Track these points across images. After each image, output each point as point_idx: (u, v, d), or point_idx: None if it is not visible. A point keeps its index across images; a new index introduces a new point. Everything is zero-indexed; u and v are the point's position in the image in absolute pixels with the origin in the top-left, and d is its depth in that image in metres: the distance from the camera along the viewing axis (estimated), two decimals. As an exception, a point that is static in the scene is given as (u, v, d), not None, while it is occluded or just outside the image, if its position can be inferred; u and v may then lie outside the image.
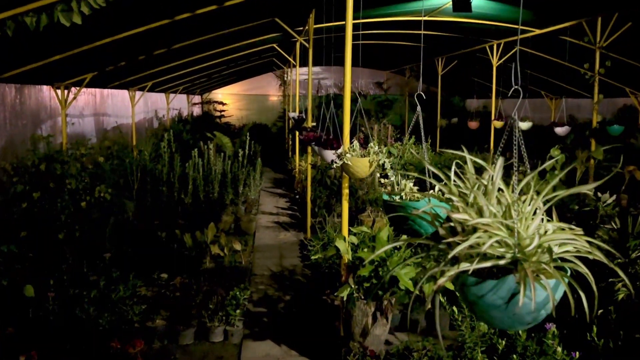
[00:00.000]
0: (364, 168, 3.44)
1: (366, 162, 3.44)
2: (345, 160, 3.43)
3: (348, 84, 3.91)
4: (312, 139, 5.89)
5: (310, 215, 7.89)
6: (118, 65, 7.31)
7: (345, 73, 3.92)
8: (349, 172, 3.51)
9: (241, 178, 9.59)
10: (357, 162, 3.42)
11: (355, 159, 3.43)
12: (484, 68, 14.42)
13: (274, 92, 20.07)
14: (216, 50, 9.12)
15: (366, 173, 3.50)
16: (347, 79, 3.92)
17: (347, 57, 3.92)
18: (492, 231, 1.10)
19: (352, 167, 3.43)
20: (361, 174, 3.48)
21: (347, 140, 3.87)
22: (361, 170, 3.45)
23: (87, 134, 8.20)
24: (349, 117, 3.91)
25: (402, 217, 2.16)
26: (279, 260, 7.05)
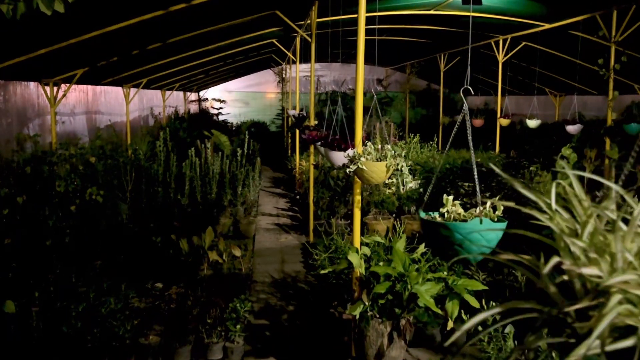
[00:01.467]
0: (380, 174, 3.09)
1: (383, 167, 3.09)
2: (359, 165, 3.07)
3: (361, 80, 3.55)
4: (317, 139, 5.53)
5: (312, 217, 7.53)
6: (110, 60, 6.93)
7: (358, 69, 3.56)
8: (364, 178, 3.16)
9: (240, 178, 9.22)
10: (372, 167, 3.06)
11: (370, 163, 3.07)
12: (487, 64, 14.08)
13: (273, 89, 19.70)
14: (213, 45, 8.74)
15: (383, 179, 3.14)
16: (360, 75, 3.56)
17: (360, 51, 3.56)
18: (632, 291, 0.74)
19: (367, 172, 3.08)
20: (377, 180, 3.13)
21: (359, 142, 3.51)
22: (377, 176, 3.09)
23: (78, 133, 7.82)
24: (361, 117, 3.55)
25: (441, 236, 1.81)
26: (281, 266, 6.70)
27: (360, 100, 3.55)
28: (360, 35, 3.56)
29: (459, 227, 1.76)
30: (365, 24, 3.66)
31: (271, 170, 15.22)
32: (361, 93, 3.55)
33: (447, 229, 1.78)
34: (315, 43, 7.82)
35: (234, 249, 6.14)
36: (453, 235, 1.74)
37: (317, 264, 4.86)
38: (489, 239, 1.70)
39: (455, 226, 1.77)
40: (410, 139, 10.14)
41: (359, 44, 3.57)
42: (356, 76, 3.55)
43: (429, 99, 19.92)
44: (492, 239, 1.73)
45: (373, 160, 3.12)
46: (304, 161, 10.95)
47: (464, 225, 1.76)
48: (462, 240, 1.73)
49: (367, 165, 3.06)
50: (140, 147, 9.84)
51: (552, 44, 10.41)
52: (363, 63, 3.57)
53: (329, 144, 4.51)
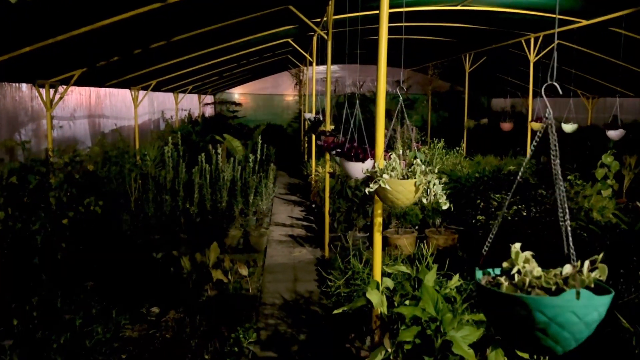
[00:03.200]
0: (407, 195, 2.48)
1: (411, 187, 2.48)
2: (381, 184, 2.47)
3: (382, 81, 2.94)
4: (333, 146, 4.93)
5: (328, 230, 6.93)
6: (111, 60, 6.42)
7: (379, 69, 2.96)
8: (386, 199, 2.56)
9: (252, 185, 8.66)
10: (398, 187, 2.46)
11: (395, 181, 2.47)
12: (516, 65, 13.33)
13: (290, 91, 19.18)
14: (223, 44, 8.21)
15: (410, 201, 2.54)
16: (382, 76, 2.95)
17: (382, 48, 2.95)
18: None
19: (392, 192, 2.47)
20: (403, 202, 2.52)
21: (380, 154, 2.89)
22: (404, 197, 2.49)
23: (79, 138, 7.35)
24: (383, 124, 2.94)
25: (513, 315, 1.17)
26: (293, 285, 6.10)
27: (382, 105, 2.94)
28: (382, 32, 2.96)
29: (544, 304, 1.12)
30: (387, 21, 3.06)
31: (287, 175, 14.66)
32: (383, 96, 2.94)
33: (523, 306, 1.15)
34: (332, 42, 7.23)
35: (241, 268, 5.57)
36: (533, 316, 1.12)
37: (332, 291, 4.24)
38: (588, 321, 1.09)
39: (538, 303, 1.13)
40: (434, 144, 9.49)
41: (381, 42, 2.97)
42: (377, 77, 2.95)
43: (452, 101, 19.18)
44: (594, 320, 1.11)
45: (398, 177, 2.51)
46: (320, 168, 10.36)
47: (552, 302, 1.12)
48: (548, 324, 1.10)
49: (391, 184, 2.46)
50: (150, 152, 9.36)
51: (589, 42, 9.65)
52: (385, 63, 2.97)
53: (345, 153, 3.91)
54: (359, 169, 3.88)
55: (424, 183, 2.48)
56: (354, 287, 4.20)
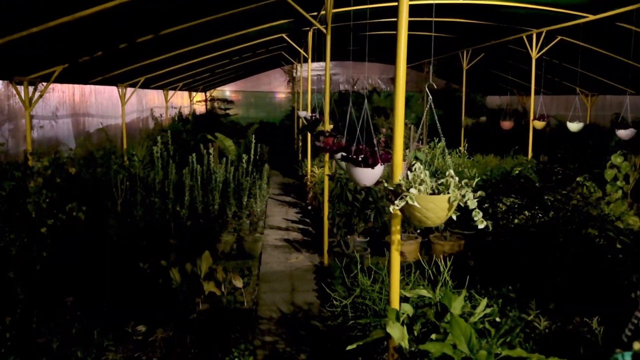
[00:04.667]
0: (439, 212, 2.12)
1: (444, 203, 2.11)
2: (409, 201, 2.10)
3: (402, 76, 2.57)
4: (335, 148, 4.54)
5: (327, 236, 6.56)
6: (94, 55, 5.99)
7: (398, 63, 2.59)
8: (414, 217, 2.19)
9: (245, 187, 8.27)
10: (428, 204, 2.09)
11: (425, 197, 2.10)
12: (515, 61, 13.01)
13: (283, 89, 18.77)
14: (216, 39, 7.79)
15: (442, 220, 2.17)
16: (401, 71, 2.58)
17: (401, 41, 2.58)
18: None
19: (421, 210, 2.11)
20: (434, 221, 2.15)
21: (400, 162, 2.52)
22: (434, 215, 2.12)
23: (62, 139, 6.91)
24: (402, 128, 2.56)
25: None
26: (291, 296, 5.72)
27: (401, 105, 2.56)
28: (401, 23, 2.58)
29: None
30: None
31: (280, 175, 14.26)
32: (402, 95, 2.57)
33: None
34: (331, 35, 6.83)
35: (235, 279, 5.18)
36: None
37: (337, 310, 3.84)
38: None
39: None
40: (434, 144, 9.13)
41: (400, 32, 2.59)
42: (396, 75, 2.57)
43: (447, 99, 18.85)
44: None
45: (427, 193, 2.14)
46: (316, 168, 9.97)
47: None
48: None
49: (420, 200, 2.09)
50: (138, 152, 8.92)
51: (594, 39, 9.32)
52: (405, 58, 2.59)
53: (352, 158, 3.53)
54: (368, 175, 3.50)
55: (458, 198, 2.11)
56: (362, 306, 3.83)
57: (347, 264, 6.07)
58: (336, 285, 5.42)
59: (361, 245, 6.79)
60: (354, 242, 6.69)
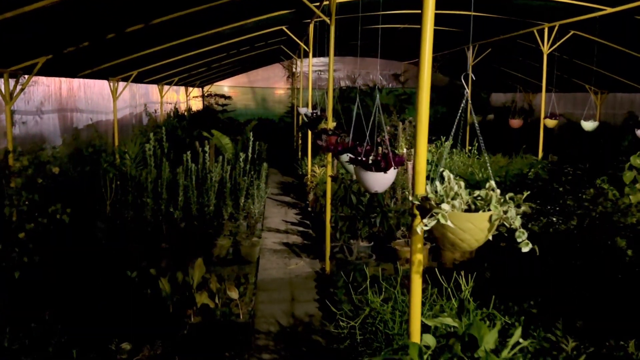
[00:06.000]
0: (477, 234, 1.71)
1: (484, 223, 1.70)
2: (440, 219, 1.69)
3: (427, 71, 2.15)
4: (339, 149, 4.12)
5: (329, 241, 6.14)
6: (80, 46, 5.56)
7: (423, 59, 2.17)
8: (445, 239, 1.78)
9: (243, 187, 7.84)
10: (464, 223, 1.68)
11: (461, 216, 1.69)
12: (525, 57, 12.57)
13: (282, 84, 18.33)
14: (212, 30, 7.36)
15: (480, 242, 1.77)
16: (426, 62, 2.16)
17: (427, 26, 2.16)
18: None
19: (455, 231, 1.70)
20: (470, 244, 1.75)
21: (422, 168, 2.10)
22: (472, 237, 1.72)
23: (47, 136, 6.48)
24: (426, 129, 2.14)
25: None
26: (290, 307, 5.31)
27: (425, 103, 2.15)
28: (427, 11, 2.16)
29: None
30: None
31: (279, 173, 13.83)
32: (427, 90, 2.15)
33: None
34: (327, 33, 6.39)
35: (230, 290, 4.76)
36: None
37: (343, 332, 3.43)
38: None
39: None
40: (440, 142, 8.72)
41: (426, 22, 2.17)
42: (420, 70, 2.15)
43: (450, 96, 18.44)
44: None
45: (462, 210, 1.74)
46: (317, 167, 9.56)
47: None
48: None
49: (455, 219, 1.68)
50: (130, 149, 8.50)
51: (609, 33, 8.90)
52: (431, 44, 2.17)
53: (362, 161, 3.11)
54: (380, 180, 3.09)
55: (500, 216, 1.70)
56: (371, 326, 3.42)
57: (350, 271, 5.68)
58: (339, 295, 5.02)
59: (365, 251, 6.38)
60: (357, 247, 6.29)
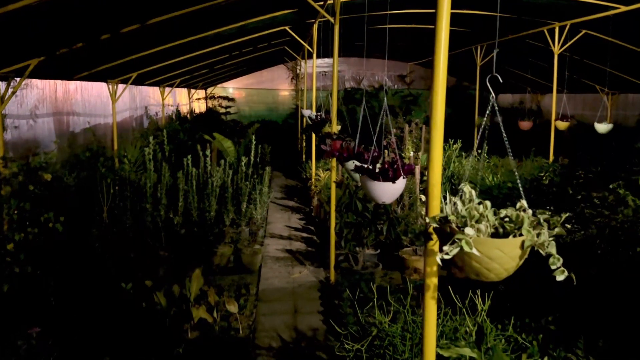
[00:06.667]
0: (507, 262, 1.46)
1: (515, 249, 1.45)
2: (464, 246, 1.43)
3: (442, 70, 1.90)
4: (345, 155, 3.87)
5: (333, 250, 5.90)
6: (74, 47, 5.33)
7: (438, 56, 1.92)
8: (469, 267, 1.53)
9: (245, 192, 7.60)
10: (492, 250, 1.43)
11: (489, 242, 1.44)
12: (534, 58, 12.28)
13: (285, 86, 18.09)
14: (213, 31, 7.13)
15: (510, 271, 1.52)
16: (440, 61, 1.91)
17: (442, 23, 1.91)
18: None
19: (482, 259, 1.45)
20: (499, 273, 1.50)
21: (437, 181, 1.85)
22: (500, 266, 1.47)
23: (41, 140, 6.26)
24: (441, 135, 1.89)
25: None
26: (293, 319, 5.07)
27: (440, 107, 1.90)
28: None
29: None
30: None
31: (283, 176, 13.61)
32: (442, 94, 1.91)
33: None
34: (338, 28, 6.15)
35: (230, 304, 4.52)
36: None
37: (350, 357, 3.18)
38: None
39: None
40: (448, 145, 8.46)
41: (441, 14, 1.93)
42: (435, 69, 1.90)
43: (457, 97, 18.16)
44: None
45: (488, 234, 1.49)
46: (321, 171, 9.31)
47: None
48: None
49: (481, 246, 1.43)
50: (130, 153, 8.28)
51: (622, 32, 8.61)
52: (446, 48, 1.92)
53: (369, 171, 2.86)
54: (388, 191, 2.84)
55: (533, 240, 1.45)
56: (379, 349, 3.17)
57: (356, 281, 5.43)
58: (345, 308, 4.78)
59: (371, 260, 6.14)
60: (363, 256, 6.04)
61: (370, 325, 3.41)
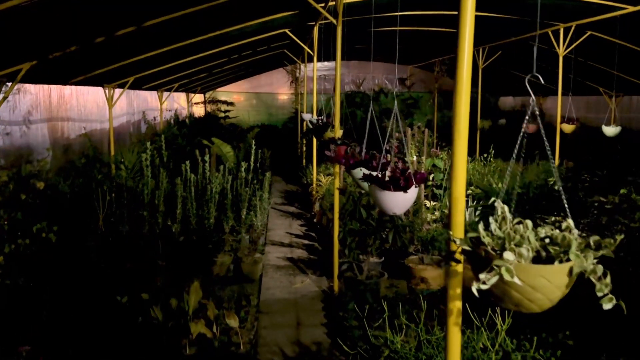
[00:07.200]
0: (553, 291, 1.27)
1: (561, 277, 1.27)
2: (505, 275, 1.24)
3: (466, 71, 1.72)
4: (352, 162, 3.68)
5: (337, 259, 5.71)
6: (67, 51, 5.15)
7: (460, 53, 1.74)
8: (509, 297, 1.34)
9: (245, 198, 7.40)
10: (536, 279, 1.24)
11: (531, 268, 1.24)
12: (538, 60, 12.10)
13: (285, 90, 17.92)
14: (212, 34, 6.95)
15: (555, 301, 1.33)
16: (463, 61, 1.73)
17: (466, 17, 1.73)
18: None
19: (523, 289, 1.27)
20: (542, 304, 1.32)
21: (461, 193, 1.67)
22: (544, 296, 1.29)
23: (35, 147, 6.07)
24: (465, 142, 1.71)
25: None
26: (296, 333, 4.87)
27: (464, 108, 1.72)
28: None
29: None
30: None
31: (283, 181, 13.42)
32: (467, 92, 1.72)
33: None
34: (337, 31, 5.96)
35: (230, 318, 4.32)
36: None
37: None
38: None
39: None
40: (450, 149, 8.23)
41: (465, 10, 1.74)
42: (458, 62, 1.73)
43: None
44: None
45: (529, 261, 1.30)
46: (322, 176, 9.12)
47: None
48: None
49: (523, 274, 1.24)
50: (128, 159, 8.09)
51: (629, 33, 8.44)
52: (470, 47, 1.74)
53: (378, 179, 2.67)
54: (399, 201, 2.65)
55: (583, 266, 1.27)
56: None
57: (361, 292, 5.24)
58: (350, 321, 4.58)
59: (376, 268, 5.94)
60: (368, 264, 5.84)
61: (380, 345, 3.21)
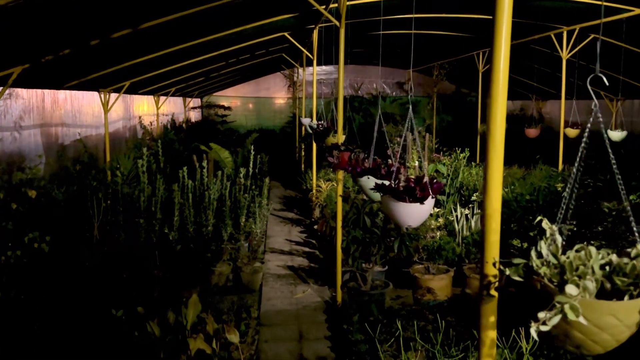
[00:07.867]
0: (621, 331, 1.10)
1: (633, 314, 1.09)
2: (569, 314, 1.07)
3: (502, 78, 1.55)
4: (359, 170, 3.50)
5: (340, 269, 5.53)
6: (60, 54, 4.97)
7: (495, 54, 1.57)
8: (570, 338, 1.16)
9: (243, 205, 7.22)
10: (604, 317, 1.06)
11: (597, 305, 1.06)
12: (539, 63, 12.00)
13: (283, 94, 17.76)
14: (209, 37, 6.78)
15: (622, 341, 1.16)
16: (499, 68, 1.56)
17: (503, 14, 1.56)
18: None
19: (588, 330, 1.09)
20: (607, 345, 1.15)
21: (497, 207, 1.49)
22: (611, 337, 1.12)
23: (27, 154, 5.88)
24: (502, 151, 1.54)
25: None
26: (298, 347, 4.68)
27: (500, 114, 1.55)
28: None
29: None
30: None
31: (281, 186, 13.24)
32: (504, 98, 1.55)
33: None
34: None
35: (230, 333, 4.13)
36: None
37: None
38: None
39: None
40: (456, 154, 8.10)
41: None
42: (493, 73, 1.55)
43: (456, 104, 17.89)
44: None
45: (593, 295, 1.12)
46: (322, 181, 8.94)
47: None
48: None
49: (589, 312, 1.06)
50: (124, 165, 7.89)
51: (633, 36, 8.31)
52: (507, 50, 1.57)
53: (391, 189, 2.50)
54: (415, 213, 2.48)
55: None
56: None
57: (365, 303, 5.08)
58: (355, 335, 4.40)
59: (380, 278, 5.77)
60: (372, 274, 5.66)
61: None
